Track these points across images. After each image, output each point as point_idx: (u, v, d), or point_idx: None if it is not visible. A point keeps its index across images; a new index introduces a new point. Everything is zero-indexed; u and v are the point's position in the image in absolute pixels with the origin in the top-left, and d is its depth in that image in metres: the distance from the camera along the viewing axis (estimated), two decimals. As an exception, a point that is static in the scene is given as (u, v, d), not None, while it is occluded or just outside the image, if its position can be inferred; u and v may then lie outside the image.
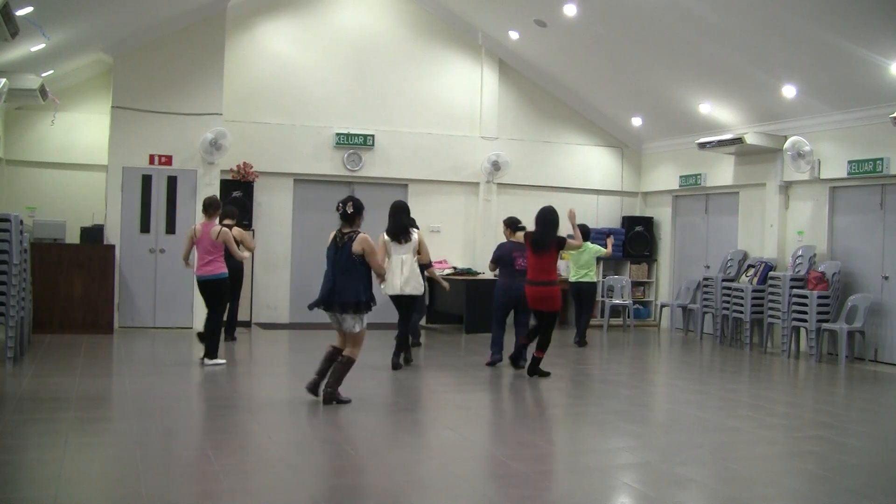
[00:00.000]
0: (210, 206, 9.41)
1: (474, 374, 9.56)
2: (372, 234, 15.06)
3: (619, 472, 5.77)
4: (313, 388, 7.42)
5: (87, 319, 11.64)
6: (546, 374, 9.08)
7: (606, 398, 8.43)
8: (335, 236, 7.41)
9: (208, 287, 9.31)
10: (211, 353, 9.31)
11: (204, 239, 9.23)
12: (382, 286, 8.93)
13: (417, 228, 9.81)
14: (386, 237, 9.38)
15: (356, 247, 7.27)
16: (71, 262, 11.63)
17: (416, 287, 9.44)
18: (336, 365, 7.32)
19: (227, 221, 10.06)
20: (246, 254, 10.15)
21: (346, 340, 7.40)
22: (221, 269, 9.31)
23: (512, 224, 10.23)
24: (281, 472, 5.45)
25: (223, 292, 9.45)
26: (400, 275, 9.26)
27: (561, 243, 9.17)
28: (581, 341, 12.14)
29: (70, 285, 11.58)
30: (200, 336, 9.67)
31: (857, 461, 6.24)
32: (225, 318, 9.84)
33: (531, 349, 9.28)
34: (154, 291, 12.55)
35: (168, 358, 10.33)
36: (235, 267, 10.51)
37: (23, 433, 6.22)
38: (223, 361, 9.43)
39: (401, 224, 9.45)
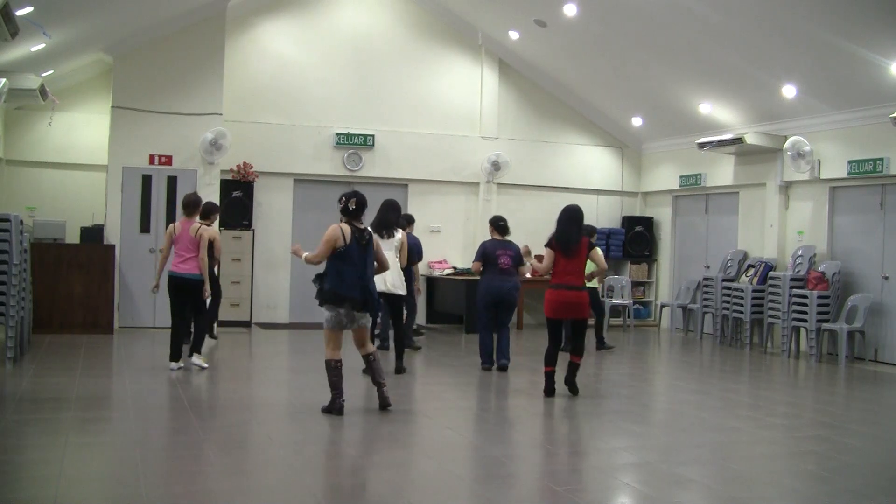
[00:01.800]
0: (190, 205, 9.10)
1: (474, 374, 9.55)
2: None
3: (619, 472, 5.77)
4: (342, 409, 7.08)
5: (87, 319, 11.63)
6: (576, 391, 8.31)
7: (606, 398, 8.42)
8: (353, 234, 7.01)
9: (186, 286, 8.91)
10: (199, 347, 9.08)
11: (184, 236, 8.91)
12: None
13: (403, 230, 9.68)
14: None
15: (375, 244, 7.22)
16: (71, 262, 11.63)
17: (400, 285, 9.32)
18: (373, 364, 7.21)
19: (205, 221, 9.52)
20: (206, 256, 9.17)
21: (358, 339, 7.22)
22: (198, 269, 8.94)
23: (495, 223, 9.95)
24: (281, 472, 5.44)
25: (200, 293, 8.99)
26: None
27: (591, 245, 8.24)
28: (601, 344, 11.93)
29: (70, 285, 11.58)
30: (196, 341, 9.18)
31: (857, 461, 6.24)
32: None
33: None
34: (154, 291, 12.53)
35: (168, 358, 10.32)
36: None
37: (23, 433, 6.23)
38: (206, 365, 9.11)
39: (388, 220, 9.26)
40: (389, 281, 9.06)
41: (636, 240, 15.52)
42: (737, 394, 9.16)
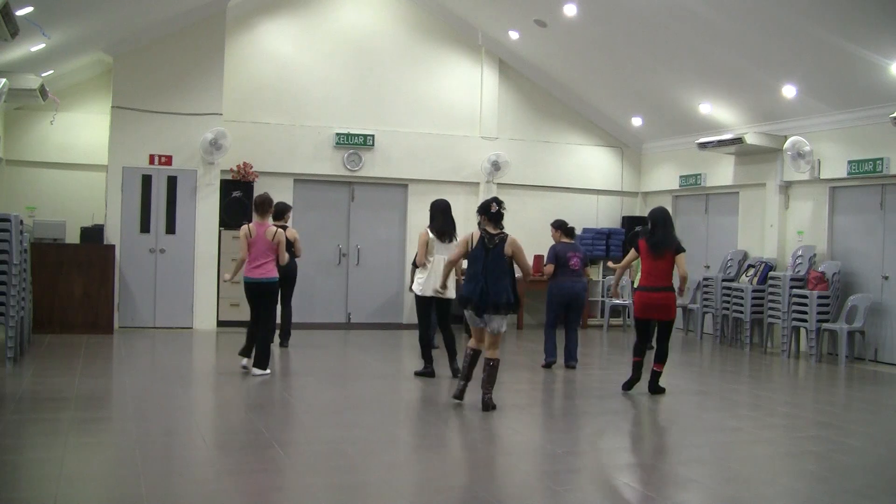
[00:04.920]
0: (263, 205, 8.96)
1: (474, 374, 9.53)
2: (374, 233, 15.01)
3: (619, 472, 5.77)
4: (461, 394, 7.54)
5: (87, 319, 11.63)
6: (662, 391, 8.45)
7: (606, 398, 8.42)
8: (482, 238, 7.38)
9: (261, 290, 8.89)
10: (261, 362, 8.88)
11: (260, 240, 8.82)
12: (420, 288, 8.87)
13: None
14: (431, 234, 9.09)
15: (508, 248, 7.35)
16: (71, 262, 11.62)
17: (455, 290, 9.26)
18: (488, 369, 7.37)
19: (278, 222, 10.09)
20: (286, 256, 9.24)
21: (486, 341, 7.41)
22: (274, 272, 8.92)
23: (562, 226, 10.32)
24: (281, 472, 5.44)
25: (275, 296, 9.08)
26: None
27: (679, 248, 8.38)
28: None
29: (70, 285, 11.58)
30: (249, 348, 9.08)
31: (857, 461, 6.24)
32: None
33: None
34: (154, 291, 12.55)
35: (168, 358, 10.34)
36: (289, 268, 10.47)
37: (23, 433, 6.23)
38: (269, 372, 8.98)
39: (449, 222, 9.20)
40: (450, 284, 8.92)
41: (636, 240, 15.46)
42: (737, 394, 9.16)
